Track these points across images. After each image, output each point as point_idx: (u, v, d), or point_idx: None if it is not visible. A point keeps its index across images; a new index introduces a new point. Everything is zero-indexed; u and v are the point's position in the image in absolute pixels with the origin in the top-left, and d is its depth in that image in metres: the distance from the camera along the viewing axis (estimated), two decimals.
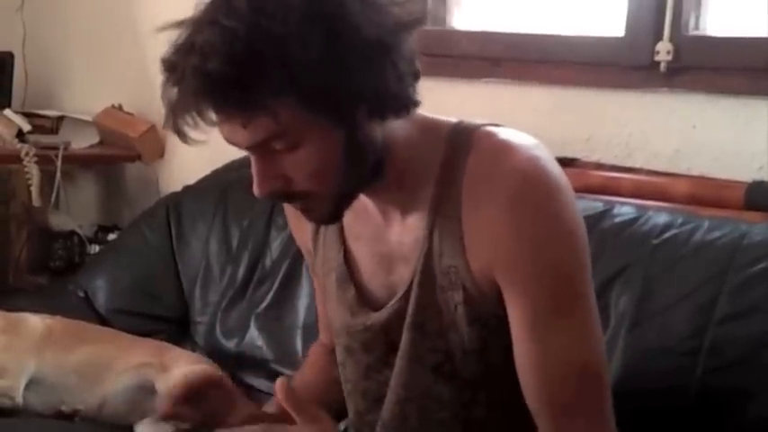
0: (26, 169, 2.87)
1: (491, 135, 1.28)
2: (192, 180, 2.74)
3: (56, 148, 2.97)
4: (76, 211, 3.29)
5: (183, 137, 1.20)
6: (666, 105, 2.10)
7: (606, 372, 1.29)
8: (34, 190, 2.88)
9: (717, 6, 2.11)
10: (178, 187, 2.80)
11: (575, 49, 2.27)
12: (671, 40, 2.07)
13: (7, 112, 3.08)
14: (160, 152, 3.10)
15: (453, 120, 1.33)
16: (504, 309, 1.27)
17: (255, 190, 1.24)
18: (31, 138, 3.00)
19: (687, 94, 2.07)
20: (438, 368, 1.34)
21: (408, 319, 1.33)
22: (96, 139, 3.16)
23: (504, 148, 1.26)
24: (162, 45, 1.20)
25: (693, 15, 2.10)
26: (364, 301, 1.39)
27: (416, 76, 1.26)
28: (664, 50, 2.07)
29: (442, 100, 2.33)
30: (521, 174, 1.23)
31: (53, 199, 3.02)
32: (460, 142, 1.28)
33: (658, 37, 2.08)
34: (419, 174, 1.30)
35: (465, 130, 1.30)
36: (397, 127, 1.27)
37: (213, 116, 1.18)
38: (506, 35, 2.40)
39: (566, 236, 1.24)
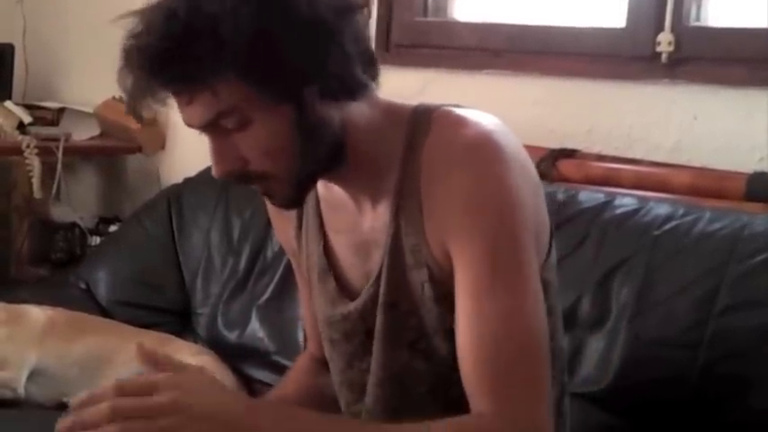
0: (27, 161, 2.87)
1: (448, 114, 1.30)
2: (193, 172, 2.73)
3: (57, 139, 2.97)
4: (78, 202, 3.29)
5: (139, 118, 1.27)
6: (667, 96, 2.10)
7: (544, 346, 1.25)
8: (35, 182, 2.88)
9: None
10: (179, 179, 2.80)
11: (576, 41, 2.27)
12: (672, 30, 2.07)
13: (8, 103, 3.08)
14: (161, 144, 3.09)
15: (414, 104, 1.35)
16: None
17: (213, 171, 1.27)
18: (32, 129, 3.00)
19: (688, 85, 2.07)
20: (414, 345, 1.35)
21: (381, 300, 1.34)
22: (97, 131, 3.16)
23: (459, 124, 1.27)
24: None
25: (694, 6, 2.10)
26: (344, 291, 1.41)
27: (369, 59, 1.27)
28: (665, 41, 2.07)
29: (442, 91, 2.36)
30: (469, 143, 1.24)
31: (54, 191, 3.02)
32: (420, 123, 1.30)
33: (659, 28, 2.08)
34: (384, 158, 1.31)
35: (424, 111, 1.32)
36: (357, 111, 1.29)
37: (162, 94, 1.22)
38: (507, 26, 2.40)
39: (507, 201, 1.24)
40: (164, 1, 1.20)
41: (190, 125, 1.25)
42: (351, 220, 1.38)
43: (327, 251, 1.42)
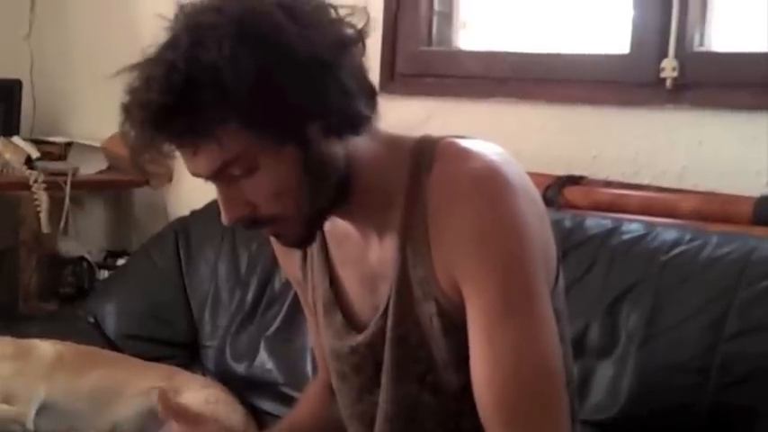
0: (35, 196, 2.88)
1: (452, 145, 1.30)
2: (199, 204, 2.73)
3: (64, 174, 2.98)
4: (85, 236, 3.30)
5: (145, 173, 1.28)
6: (673, 122, 2.11)
7: (559, 376, 1.26)
8: (43, 216, 2.88)
9: (721, 22, 2.11)
10: (186, 212, 2.81)
11: (580, 68, 2.28)
12: (676, 56, 2.07)
13: (15, 138, 3.09)
14: (168, 177, 3.10)
15: (416, 135, 1.35)
16: None
17: (222, 218, 1.28)
18: (40, 164, 3.01)
19: (693, 111, 2.07)
20: (422, 379, 1.34)
21: (389, 333, 1.34)
22: (104, 165, 3.16)
23: (463, 156, 1.27)
24: None
25: (698, 32, 2.10)
26: (351, 324, 1.41)
27: (369, 92, 1.27)
28: (669, 67, 2.08)
29: (448, 120, 2.37)
30: (476, 175, 1.24)
31: (62, 225, 3.03)
32: (425, 155, 1.30)
33: (663, 54, 2.09)
34: (388, 191, 1.31)
35: (428, 142, 1.32)
36: (361, 145, 1.29)
37: (167, 148, 1.23)
38: (512, 54, 2.41)
39: (516, 232, 1.24)
40: (162, 52, 1.20)
41: (196, 175, 1.25)
42: (357, 253, 1.37)
43: (334, 284, 1.42)
